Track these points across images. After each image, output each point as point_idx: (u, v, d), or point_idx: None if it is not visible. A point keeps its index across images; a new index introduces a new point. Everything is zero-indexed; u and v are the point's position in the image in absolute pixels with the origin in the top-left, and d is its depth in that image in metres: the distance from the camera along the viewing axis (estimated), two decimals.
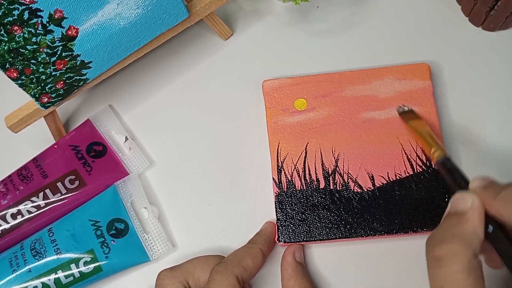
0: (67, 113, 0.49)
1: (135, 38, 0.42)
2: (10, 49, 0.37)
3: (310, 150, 0.43)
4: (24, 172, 0.44)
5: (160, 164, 0.47)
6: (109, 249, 0.41)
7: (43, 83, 0.40)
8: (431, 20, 0.48)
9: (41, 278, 0.40)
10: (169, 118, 0.48)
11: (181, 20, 0.43)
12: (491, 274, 0.38)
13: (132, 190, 0.44)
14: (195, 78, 0.49)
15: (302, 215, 0.41)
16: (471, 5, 0.46)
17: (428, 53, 0.47)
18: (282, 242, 0.41)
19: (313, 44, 0.49)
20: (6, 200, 0.43)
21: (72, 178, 0.44)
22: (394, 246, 0.41)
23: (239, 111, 0.47)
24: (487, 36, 0.47)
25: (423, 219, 0.40)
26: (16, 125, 0.43)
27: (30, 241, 0.42)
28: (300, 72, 0.47)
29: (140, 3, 0.40)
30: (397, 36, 0.48)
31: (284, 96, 0.45)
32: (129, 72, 0.50)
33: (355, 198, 0.41)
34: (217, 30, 0.48)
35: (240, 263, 0.38)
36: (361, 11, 0.50)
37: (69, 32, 0.38)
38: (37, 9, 0.36)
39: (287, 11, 0.50)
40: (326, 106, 0.45)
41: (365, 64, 0.47)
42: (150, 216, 0.44)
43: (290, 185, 0.42)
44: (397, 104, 0.44)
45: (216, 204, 0.44)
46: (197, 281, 0.39)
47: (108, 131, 0.47)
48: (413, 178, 0.42)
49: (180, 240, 0.44)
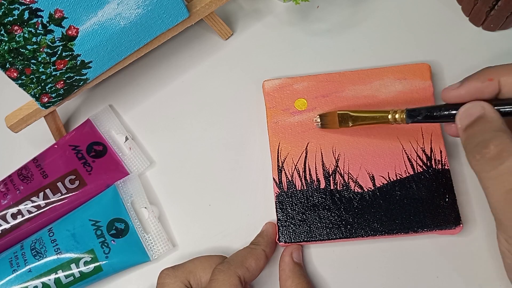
0: (67, 113, 0.49)
1: (135, 38, 0.42)
2: (10, 49, 0.37)
3: (311, 150, 0.43)
4: (24, 172, 0.44)
5: (160, 164, 0.47)
6: (109, 249, 0.41)
7: (43, 83, 0.40)
8: (431, 20, 0.48)
9: (41, 278, 0.40)
10: (169, 118, 0.48)
11: (181, 20, 0.43)
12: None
13: (132, 190, 0.44)
14: (195, 78, 0.49)
15: (303, 215, 0.41)
16: (472, 5, 0.46)
17: (429, 53, 0.47)
18: (283, 242, 0.41)
19: (313, 44, 0.49)
20: (6, 200, 0.43)
21: (72, 178, 0.44)
22: (394, 246, 0.41)
23: (239, 111, 0.47)
24: (488, 36, 0.47)
25: (423, 219, 0.40)
26: (16, 125, 0.43)
27: (30, 241, 0.42)
28: (300, 72, 0.47)
29: (140, 3, 0.40)
30: (398, 36, 0.48)
31: (284, 96, 0.45)
32: (129, 72, 0.50)
33: (356, 198, 0.41)
34: (217, 30, 0.48)
35: (243, 263, 0.38)
36: (361, 11, 0.50)
37: (69, 32, 0.38)
38: (37, 9, 0.36)
39: (287, 11, 0.50)
40: (327, 106, 0.45)
41: (366, 64, 0.47)
42: (150, 216, 0.44)
43: (290, 185, 0.42)
44: (397, 104, 0.44)
45: (216, 204, 0.44)
46: (198, 281, 0.39)
47: (108, 131, 0.47)
48: (413, 178, 0.42)
49: (180, 240, 0.44)
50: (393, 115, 0.38)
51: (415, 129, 0.43)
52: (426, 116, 0.37)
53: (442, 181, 0.41)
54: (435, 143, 0.42)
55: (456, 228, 0.40)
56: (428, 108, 0.37)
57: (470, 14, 0.47)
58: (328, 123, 0.43)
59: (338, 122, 0.42)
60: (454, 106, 0.35)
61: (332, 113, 0.43)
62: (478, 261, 0.40)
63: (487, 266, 0.40)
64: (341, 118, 0.42)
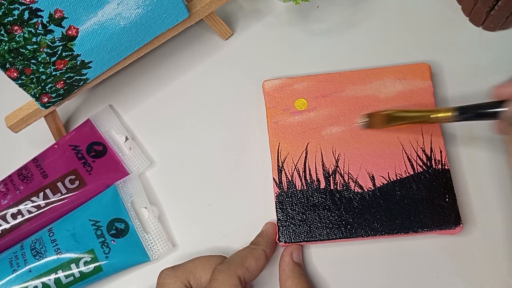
0: (67, 113, 0.49)
1: (135, 38, 0.42)
2: (11, 49, 0.37)
3: (311, 150, 0.43)
4: (24, 172, 0.44)
5: (160, 164, 0.47)
6: (109, 249, 0.41)
7: (43, 83, 0.40)
8: (431, 20, 0.48)
9: (41, 278, 0.40)
10: (169, 118, 0.48)
11: (181, 20, 0.43)
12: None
13: (132, 190, 0.44)
14: (195, 78, 0.49)
15: (303, 215, 0.41)
16: (472, 5, 0.46)
17: (429, 53, 0.47)
18: (283, 242, 0.41)
19: (313, 44, 0.49)
20: (6, 200, 0.43)
21: (72, 178, 0.44)
22: (394, 246, 0.41)
23: (239, 111, 0.47)
24: (488, 36, 0.47)
25: (423, 219, 0.40)
26: (16, 125, 0.43)
27: (30, 241, 0.42)
28: (300, 72, 0.47)
29: (140, 3, 0.39)
30: (398, 36, 0.48)
31: (284, 96, 0.45)
32: (129, 72, 0.50)
33: (356, 198, 0.41)
34: (217, 30, 0.48)
35: (243, 263, 0.38)
36: (361, 11, 0.50)
37: (69, 32, 0.38)
38: (37, 9, 0.36)
39: (287, 11, 0.50)
40: (327, 106, 0.45)
41: (366, 64, 0.47)
42: (150, 216, 0.44)
43: (290, 185, 0.42)
44: (397, 104, 0.44)
45: (216, 204, 0.44)
46: (198, 281, 0.39)
47: (108, 131, 0.47)
48: (413, 178, 0.42)
49: (180, 240, 0.44)
50: (443, 114, 0.39)
51: (415, 129, 0.43)
52: (478, 114, 0.38)
53: (442, 181, 0.41)
54: (435, 143, 0.42)
55: (456, 228, 0.40)
56: (479, 106, 0.38)
57: (470, 14, 0.47)
58: (374, 123, 0.43)
59: (384, 122, 0.42)
60: (504, 104, 0.36)
61: (379, 115, 0.42)
62: (478, 261, 0.40)
63: (487, 266, 0.40)
64: (387, 118, 0.42)
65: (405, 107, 0.44)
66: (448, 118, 0.39)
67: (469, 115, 0.38)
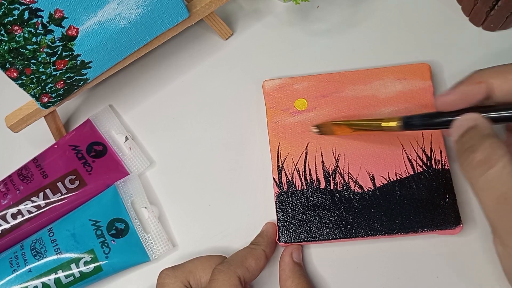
0: (67, 113, 0.49)
1: (135, 38, 0.42)
2: (10, 49, 0.37)
3: (311, 150, 0.43)
4: (24, 172, 0.44)
5: (160, 164, 0.47)
6: (109, 249, 0.41)
7: (43, 83, 0.40)
8: (431, 20, 0.48)
9: (41, 278, 0.40)
10: (169, 118, 0.48)
11: (181, 20, 0.43)
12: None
13: (132, 190, 0.44)
14: (195, 78, 0.49)
15: (303, 215, 0.41)
16: (472, 5, 0.46)
17: (429, 53, 0.47)
18: (283, 242, 0.41)
19: (313, 44, 0.49)
20: (6, 200, 0.43)
21: (72, 178, 0.44)
22: (394, 246, 0.41)
23: (239, 111, 0.47)
24: (488, 36, 0.47)
25: (423, 219, 0.40)
26: (16, 125, 0.43)
27: (30, 241, 0.42)
28: (300, 72, 0.47)
29: (140, 3, 0.40)
30: (398, 36, 0.48)
31: (284, 96, 0.45)
32: (129, 72, 0.50)
33: (356, 198, 0.41)
34: (217, 30, 0.48)
35: (243, 263, 0.38)
36: (361, 11, 0.50)
37: (69, 32, 0.38)
38: (37, 9, 0.36)
39: (287, 11, 0.50)
40: (327, 106, 0.45)
41: (366, 64, 0.46)
42: (150, 216, 0.44)
43: (290, 185, 0.42)
44: (397, 104, 0.44)
45: (216, 204, 0.44)
46: (198, 281, 0.39)
47: (108, 131, 0.47)
48: (413, 178, 0.42)
49: (180, 240, 0.44)
50: (387, 123, 0.39)
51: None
52: (421, 125, 0.38)
53: (442, 181, 0.41)
54: (435, 143, 0.42)
55: (456, 228, 0.40)
56: (423, 116, 0.38)
57: (470, 14, 0.47)
58: (325, 132, 0.43)
59: (335, 131, 0.43)
60: (448, 114, 0.36)
61: (327, 124, 0.43)
62: (478, 261, 0.40)
63: (487, 266, 0.40)
64: (337, 127, 0.42)
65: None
66: (397, 128, 0.39)
67: (414, 126, 0.38)
